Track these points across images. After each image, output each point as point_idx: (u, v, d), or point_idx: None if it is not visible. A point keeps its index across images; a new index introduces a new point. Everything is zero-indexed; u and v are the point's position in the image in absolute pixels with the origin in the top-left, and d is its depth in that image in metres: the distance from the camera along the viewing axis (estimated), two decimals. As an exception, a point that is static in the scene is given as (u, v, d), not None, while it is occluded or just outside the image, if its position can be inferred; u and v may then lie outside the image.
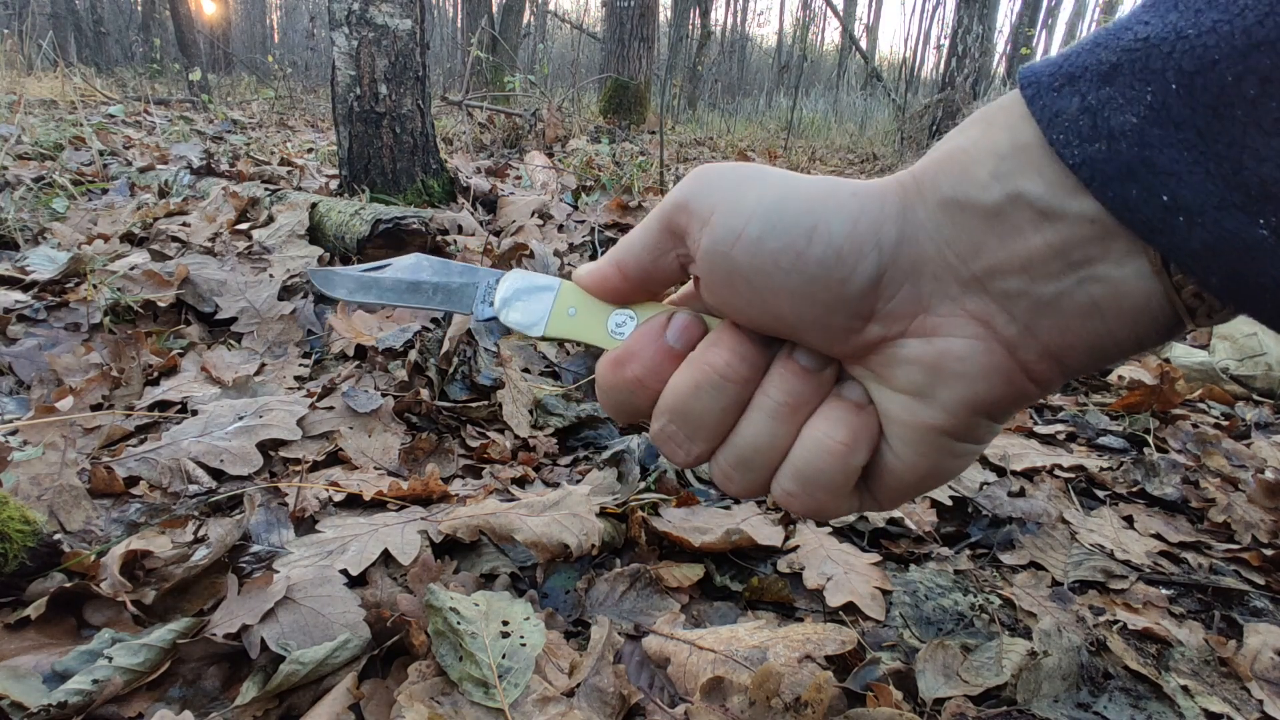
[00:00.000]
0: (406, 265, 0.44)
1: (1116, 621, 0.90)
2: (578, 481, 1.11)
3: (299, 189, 2.57)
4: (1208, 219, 0.24)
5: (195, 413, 1.15)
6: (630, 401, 0.37)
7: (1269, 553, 1.06)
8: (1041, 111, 0.27)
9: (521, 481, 1.12)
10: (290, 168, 3.24)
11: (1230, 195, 0.24)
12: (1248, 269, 0.24)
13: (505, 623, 0.75)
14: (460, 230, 2.12)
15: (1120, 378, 1.77)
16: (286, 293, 1.64)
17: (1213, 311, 0.27)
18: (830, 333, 0.32)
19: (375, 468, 1.11)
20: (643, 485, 1.07)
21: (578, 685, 0.71)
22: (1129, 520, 1.15)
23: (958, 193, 0.29)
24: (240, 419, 1.13)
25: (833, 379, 0.35)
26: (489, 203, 2.61)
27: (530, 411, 1.32)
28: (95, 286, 1.49)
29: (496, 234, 2.25)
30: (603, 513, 0.97)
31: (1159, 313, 0.27)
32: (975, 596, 0.94)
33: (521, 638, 0.73)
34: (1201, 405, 1.68)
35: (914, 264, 0.30)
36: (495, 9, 11.19)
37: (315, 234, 1.90)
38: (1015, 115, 0.28)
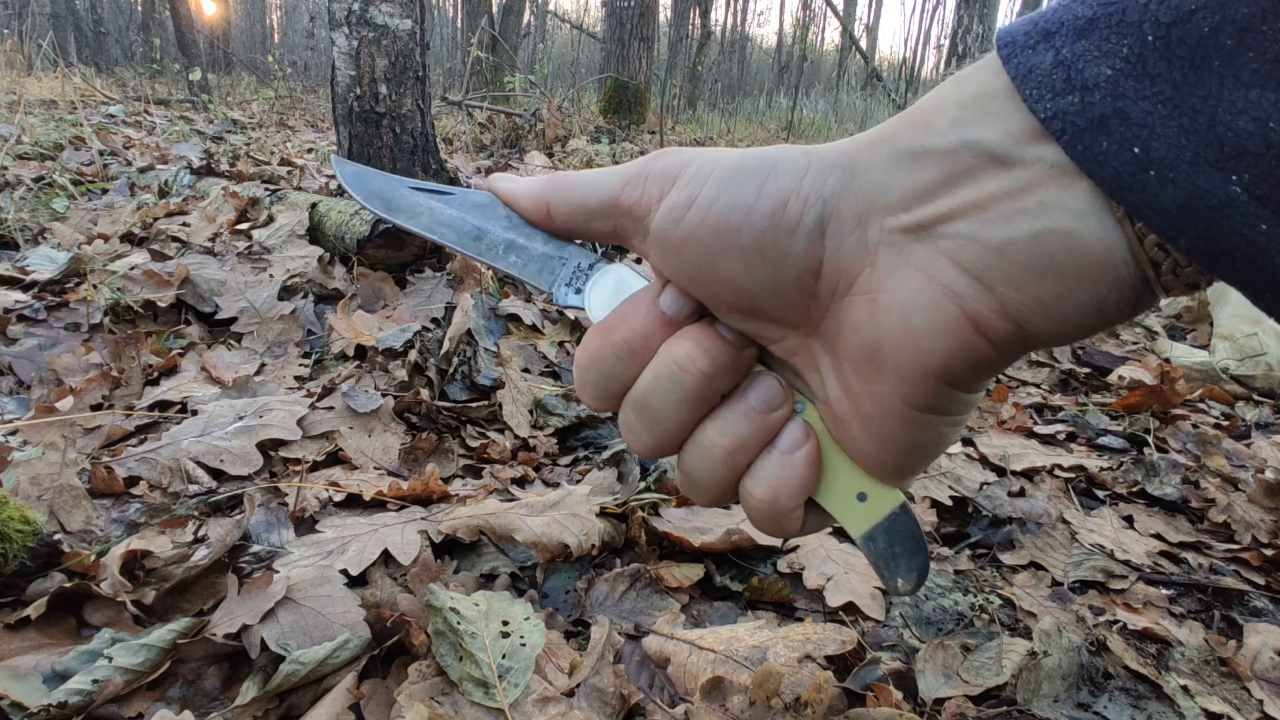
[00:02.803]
0: (476, 203, 0.37)
1: (1116, 621, 0.90)
2: (578, 481, 1.11)
3: (299, 189, 2.57)
4: (1179, 174, 0.24)
5: (195, 413, 1.15)
6: (612, 374, 0.35)
7: (1269, 553, 1.07)
8: (1016, 69, 0.27)
9: (521, 481, 1.12)
10: (290, 168, 3.24)
11: (1203, 150, 0.23)
12: (1218, 228, 0.24)
13: (505, 623, 0.75)
14: (460, 230, 2.12)
15: (1120, 378, 1.77)
16: (286, 293, 1.64)
17: (1178, 268, 0.26)
18: (783, 296, 0.32)
19: (375, 468, 1.11)
20: (643, 485, 1.07)
21: (578, 685, 0.71)
22: (1129, 520, 1.15)
23: (913, 144, 0.29)
24: (240, 419, 1.13)
25: (749, 361, 0.35)
26: (489, 203, 2.61)
27: (530, 411, 1.32)
28: (95, 286, 1.49)
29: (496, 234, 2.25)
30: (603, 513, 0.97)
31: (1121, 270, 0.26)
32: (975, 596, 0.94)
33: (521, 638, 0.73)
34: (1201, 405, 1.68)
35: (858, 214, 0.30)
36: (495, 9, 11.19)
37: (315, 234, 1.90)
38: (987, 71, 0.28)
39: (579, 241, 0.38)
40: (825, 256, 0.31)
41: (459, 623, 0.72)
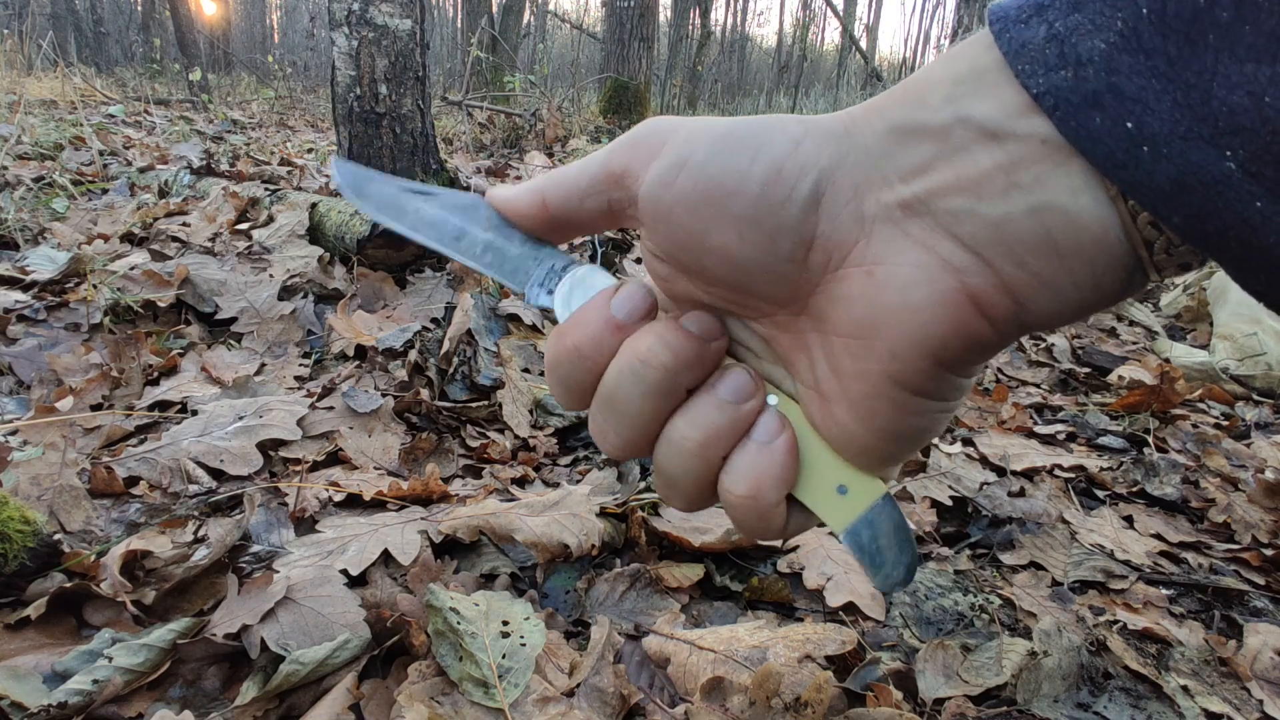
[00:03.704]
0: (460, 205, 0.38)
1: (1116, 621, 0.90)
2: (578, 481, 1.11)
3: (299, 189, 2.57)
4: (1173, 150, 0.23)
5: (195, 413, 1.15)
6: (571, 376, 0.35)
7: (1269, 553, 1.07)
8: (1008, 44, 0.26)
9: (521, 481, 1.12)
10: (290, 168, 3.24)
11: (1198, 126, 0.23)
12: (1211, 205, 0.23)
13: (505, 623, 0.75)
14: (460, 230, 2.12)
15: (1120, 378, 1.77)
16: (286, 293, 1.64)
17: (1171, 247, 0.26)
18: (774, 268, 0.31)
19: (375, 468, 1.11)
20: (643, 485, 1.07)
21: (578, 685, 0.71)
22: (1129, 520, 1.15)
23: (907, 118, 0.29)
24: (240, 419, 1.13)
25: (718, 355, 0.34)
26: (489, 203, 2.61)
27: (530, 411, 1.32)
28: (95, 286, 1.49)
29: (496, 234, 2.25)
30: (603, 513, 0.97)
31: (1116, 249, 0.26)
32: (975, 596, 0.94)
33: (521, 638, 0.73)
34: (1201, 405, 1.68)
35: (855, 186, 0.30)
36: (495, 9, 11.19)
37: (315, 234, 1.90)
38: (979, 46, 0.28)
39: (564, 247, 0.38)
40: (819, 229, 0.30)
41: (459, 623, 0.72)
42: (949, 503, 1.14)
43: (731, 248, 0.31)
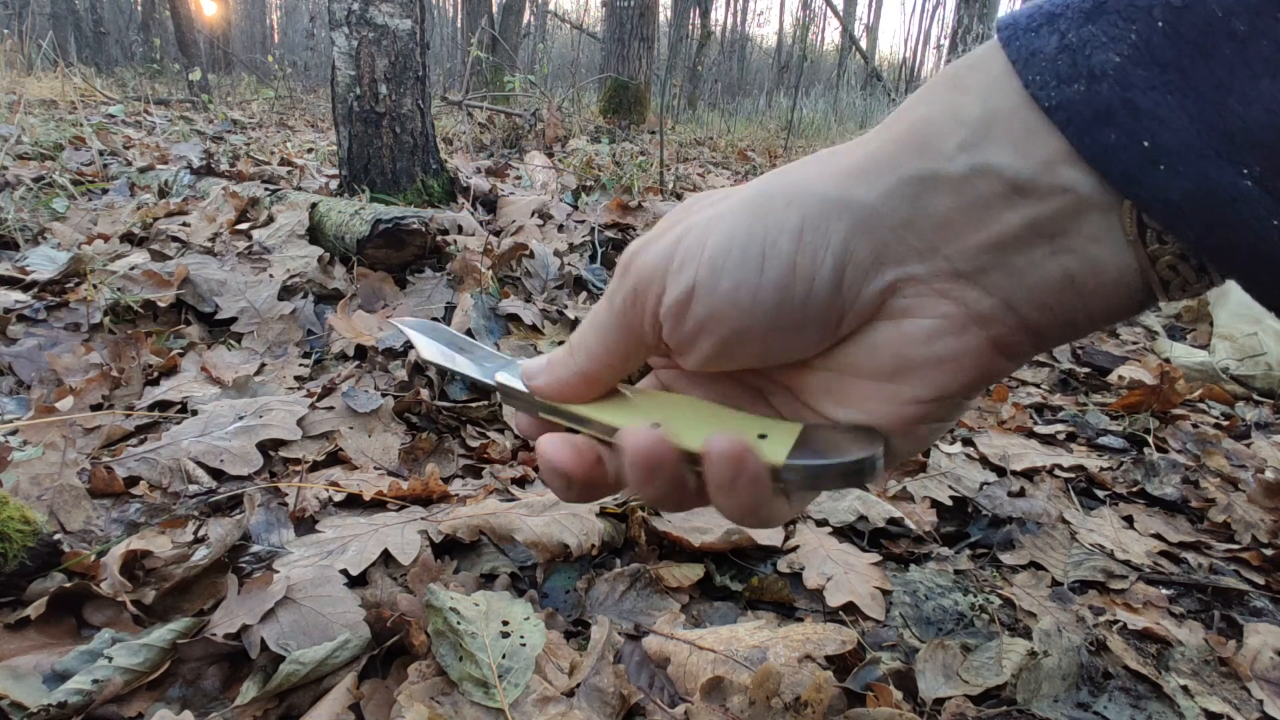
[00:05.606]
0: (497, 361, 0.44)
1: (1116, 621, 0.90)
2: (578, 481, 1.11)
3: (299, 189, 2.56)
4: (1189, 167, 0.23)
5: (195, 413, 1.15)
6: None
7: (1269, 553, 1.07)
8: (1018, 52, 0.26)
9: (521, 481, 1.12)
10: (290, 168, 3.24)
11: (1213, 142, 0.22)
12: (1228, 223, 0.23)
13: (505, 623, 0.75)
14: (460, 230, 2.12)
15: (1120, 378, 1.77)
16: (286, 293, 1.64)
17: (1187, 284, 0.26)
18: (800, 352, 0.31)
19: (375, 468, 1.11)
20: (643, 485, 1.07)
21: (578, 685, 0.71)
22: (1129, 520, 1.15)
23: (919, 169, 0.27)
24: (240, 419, 1.13)
25: None
26: (489, 203, 2.61)
27: (530, 411, 1.32)
28: (95, 286, 1.49)
29: (496, 234, 2.25)
30: (603, 512, 0.97)
31: (1132, 285, 0.26)
32: (975, 596, 0.94)
33: (521, 638, 0.73)
34: (1201, 405, 1.68)
35: (874, 255, 0.29)
36: (495, 9, 11.19)
37: (315, 234, 1.90)
38: (988, 74, 0.27)
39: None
40: (844, 305, 0.30)
41: (459, 623, 0.72)
42: (949, 503, 1.14)
43: (756, 351, 0.31)
